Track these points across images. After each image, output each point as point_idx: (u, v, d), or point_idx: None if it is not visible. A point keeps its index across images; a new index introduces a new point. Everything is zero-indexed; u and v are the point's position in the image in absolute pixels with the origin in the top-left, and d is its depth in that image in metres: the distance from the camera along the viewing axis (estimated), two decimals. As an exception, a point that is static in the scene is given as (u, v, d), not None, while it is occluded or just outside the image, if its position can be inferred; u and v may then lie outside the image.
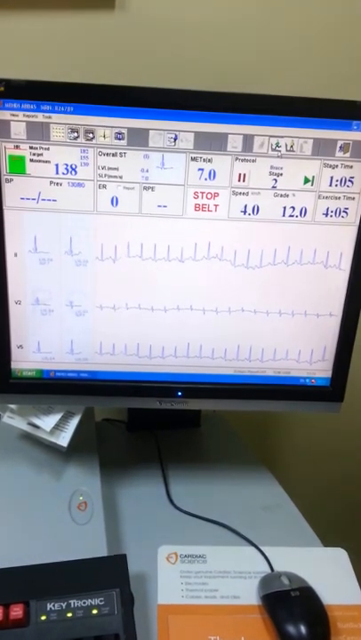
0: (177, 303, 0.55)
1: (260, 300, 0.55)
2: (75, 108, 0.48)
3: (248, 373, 0.58)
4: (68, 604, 0.43)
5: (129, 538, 0.54)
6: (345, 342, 0.57)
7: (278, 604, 0.46)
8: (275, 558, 0.52)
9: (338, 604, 0.48)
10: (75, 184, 0.50)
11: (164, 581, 0.50)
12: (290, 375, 0.58)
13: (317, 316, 0.56)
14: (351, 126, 0.50)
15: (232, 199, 0.52)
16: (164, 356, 0.56)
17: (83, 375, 0.57)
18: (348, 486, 0.98)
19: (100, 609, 0.43)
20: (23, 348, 0.55)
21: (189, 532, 0.56)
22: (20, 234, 0.52)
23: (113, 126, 0.49)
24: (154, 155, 0.50)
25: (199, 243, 0.53)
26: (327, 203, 0.52)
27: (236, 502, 0.60)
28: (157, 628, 0.46)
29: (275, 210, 0.52)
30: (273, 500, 0.61)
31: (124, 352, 0.56)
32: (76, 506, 0.55)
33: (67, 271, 0.53)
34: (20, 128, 0.49)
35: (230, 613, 0.47)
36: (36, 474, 0.59)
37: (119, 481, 0.62)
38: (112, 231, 0.52)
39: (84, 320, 0.55)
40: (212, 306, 0.55)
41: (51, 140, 0.49)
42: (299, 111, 0.50)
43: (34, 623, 0.42)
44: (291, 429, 0.91)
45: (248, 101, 0.49)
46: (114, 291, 0.54)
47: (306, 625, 0.44)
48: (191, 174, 0.51)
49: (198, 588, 0.49)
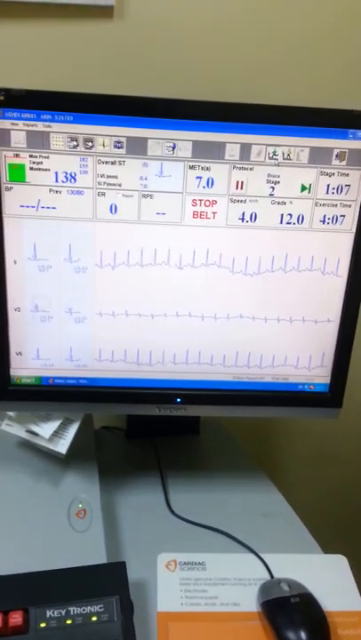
0: (176, 310, 0.55)
1: (258, 306, 0.55)
2: (74, 117, 0.49)
3: (247, 380, 0.58)
4: (68, 610, 0.43)
5: (128, 545, 0.54)
6: (343, 348, 0.57)
7: (278, 611, 0.46)
8: (274, 565, 0.52)
9: (338, 610, 0.48)
10: (74, 192, 0.51)
11: (163, 589, 0.49)
12: (288, 381, 0.58)
13: (315, 322, 0.56)
14: (347, 135, 0.51)
15: (230, 206, 0.52)
16: (163, 362, 0.57)
17: (82, 382, 0.57)
18: (348, 493, 0.97)
19: (100, 616, 0.43)
20: (22, 354, 0.55)
21: (188, 540, 0.55)
22: (20, 241, 0.52)
23: (112, 135, 0.50)
24: (152, 163, 0.51)
25: (198, 249, 0.53)
26: (324, 210, 0.53)
27: (235, 509, 0.60)
28: (157, 635, 0.45)
29: (272, 217, 0.53)
30: (272, 507, 0.61)
31: (123, 359, 0.56)
32: (75, 513, 0.55)
33: (66, 278, 0.53)
34: (20, 137, 0.49)
35: (230, 620, 0.47)
36: (34, 482, 0.59)
37: (118, 489, 0.62)
38: (111, 238, 0.52)
39: (84, 327, 0.55)
40: (211, 312, 0.55)
41: (50, 149, 0.50)
42: (295, 120, 0.50)
43: (33, 630, 0.42)
44: (290, 436, 0.91)
45: (245, 111, 0.50)
46: (113, 297, 0.54)
47: (306, 631, 0.44)
48: (189, 182, 0.51)
49: (198, 596, 0.49)
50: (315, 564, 0.53)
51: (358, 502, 0.98)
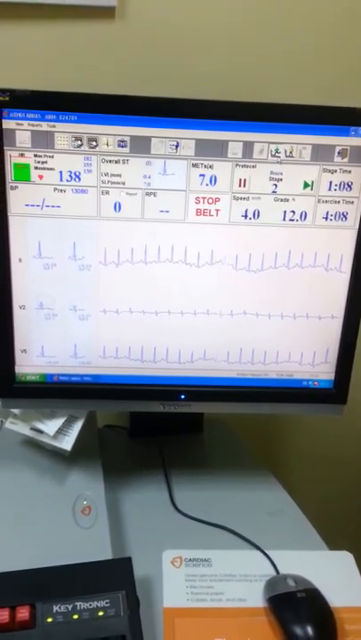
0: (180, 307, 0.55)
1: (262, 303, 0.56)
2: (78, 117, 0.49)
3: (251, 376, 0.58)
4: (74, 606, 0.43)
5: (133, 542, 0.54)
6: (347, 344, 0.57)
7: (284, 606, 0.46)
8: (280, 561, 0.52)
9: (344, 605, 0.48)
10: (78, 190, 0.51)
11: (169, 585, 0.49)
12: (293, 378, 0.59)
13: (319, 318, 0.56)
14: (349, 132, 0.51)
15: (233, 204, 0.53)
16: (167, 359, 0.57)
17: (86, 379, 0.57)
18: (352, 491, 0.97)
19: (106, 611, 0.43)
20: (27, 352, 0.56)
21: (193, 537, 0.55)
22: (25, 239, 0.52)
23: (116, 134, 0.50)
24: (156, 161, 0.51)
25: (201, 247, 0.54)
26: (327, 207, 0.53)
27: (240, 507, 0.60)
28: (164, 630, 0.45)
29: (275, 214, 0.53)
30: (277, 505, 0.61)
31: (127, 356, 0.57)
32: (80, 510, 0.55)
33: (70, 276, 0.54)
34: (24, 137, 0.50)
35: (236, 616, 0.47)
36: (39, 479, 0.59)
37: (122, 486, 0.62)
38: (115, 236, 0.53)
39: (88, 324, 0.55)
40: (215, 309, 0.56)
41: (55, 148, 0.50)
42: (297, 118, 0.51)
43: (40, 625, 0.42)
44: (294, 434, 0.91)
45: (247, 109, 0.51)
46: (117, 295, 0.55)
47: (312, 626, 0.44)
48: (193, 180, 0.52)
49: (204, 592, 0.49)
50: (320, 560, 0.53)
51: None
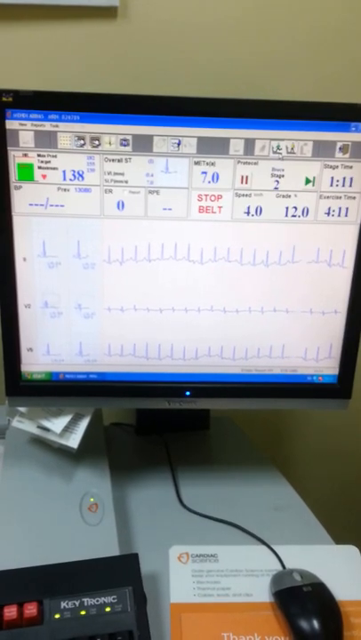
0: (184, 304, 0.56)
1: (266, 299, 0.56)
2: (81, 116, 0.50)
3: (256, 372, 0.58)
4: (82, 602, 0.44)
5: (140, 539, 0.54)
6: (351, 339, 0.57)
7: (291, 600, 0.46)
8: (286, 556, 0.52)
9: (350, 599, 0.48)
10: (82, 189, 0.52)
11: (176, 580, 0.50)
12: (297, 373, 0.59)
13: (323, 313, 0.57)
14: (350, 128, 0.52)
15: (235, 201, 0.53)
16: (172, 356, 0.57)
17: (92, 376, 0.58)
18: (358, 484, 0.97)
19: (114, 607, 0.43)
20: (33, 350, 0.56)
21: (200, 533, 0.56)
22: (29, 239, 0.53)
23: (118, 133, 0.50)
24: (158, 160, 0.51)
25: (204, 244, 0.54)
26: (329, 202, 0.53)
27: (246, 503, 0.60)
28: (171, 625, 0.46)
29: (277, 210, 0.53)
30: (283, 500, 0.61)
31: (132, 353, 0.57)
32: (87, 507, 0.56)
33: (75, 274, 0.54)
34: (28, 137, 0.50)
35: (243, 611, 0.47)
36: (46, 477, 0.60)
37: (129, 483, 0.62)
38: (119, 234, 0.53)
39: (93, 322, 0.56)
40: (220, 306, 0.56)
41: (58, 148, 0.51)
42: (298, 115, 0.51)
43: (48, 621, 0.42)
44: (299, 428, 0.91)
45: (249, 106, 0.51)
46: (121, 293, 0.55)
47: (319, 620, 0.44)
48: (195, 177, 0.52)
49: (210, 587, 0.49)
50: (326, 554, 0.53)
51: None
